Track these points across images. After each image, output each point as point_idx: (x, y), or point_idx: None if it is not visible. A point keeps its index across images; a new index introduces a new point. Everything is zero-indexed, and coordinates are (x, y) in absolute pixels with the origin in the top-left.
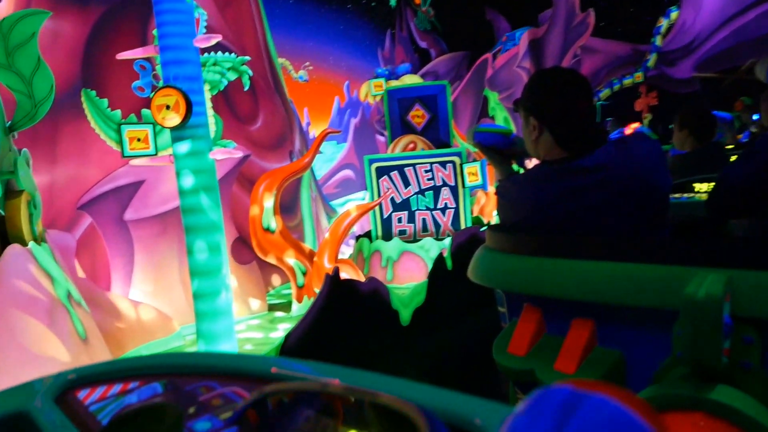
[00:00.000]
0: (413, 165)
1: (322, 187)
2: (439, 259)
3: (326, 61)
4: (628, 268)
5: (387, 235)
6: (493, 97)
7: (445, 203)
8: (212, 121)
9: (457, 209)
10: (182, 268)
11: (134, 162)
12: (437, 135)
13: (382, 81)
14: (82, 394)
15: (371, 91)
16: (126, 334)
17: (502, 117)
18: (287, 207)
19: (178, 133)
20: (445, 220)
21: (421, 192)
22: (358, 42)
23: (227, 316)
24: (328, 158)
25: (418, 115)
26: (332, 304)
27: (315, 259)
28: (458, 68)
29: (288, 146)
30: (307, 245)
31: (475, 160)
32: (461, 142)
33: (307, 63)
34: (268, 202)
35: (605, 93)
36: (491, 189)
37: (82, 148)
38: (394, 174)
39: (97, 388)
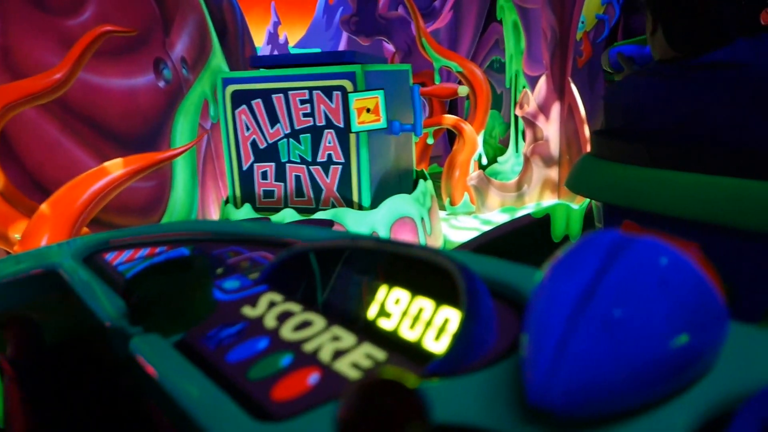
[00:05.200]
0: (284, 90)
1: None
2: None
3: None
4: (746, 185)
5: (248, 197)
6: None
7: (329, 155)
8: None
9: (347, 165)
10: None
11: None
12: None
13: None
14: (109, 257)
15: None
16: None
17: (510, 21)
18: (143, 141)
19: None
20: (329, 182)
21: (294, 134)
22: None
23: None
24: None
25: None
26: None
27: (15, 246)
28: None
29: (152, 52)
30: (168, 210)
31: (376, 89)
32: (435, 56)
33: None
34: None
35: None
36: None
37: None
38: (257, 103)
39: (125, 252)
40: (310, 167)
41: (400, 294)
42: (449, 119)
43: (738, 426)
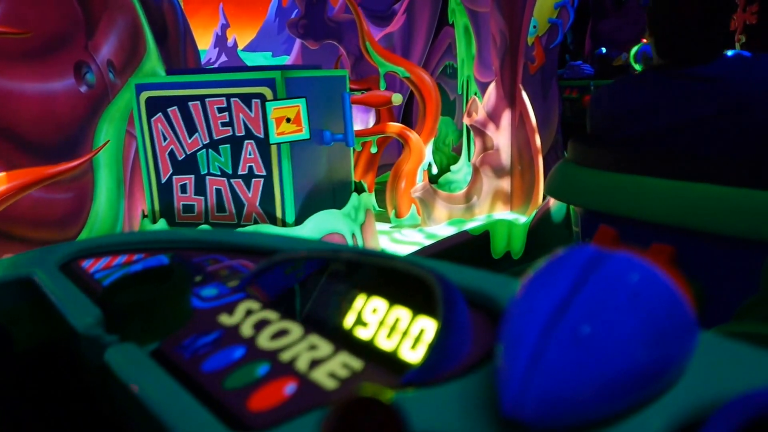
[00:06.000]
0: (201, 98)
1: None
2: None
3: None
4: (716, 190)
5: (167, 211)
6: None
7: (250, 167)
8: None
9: (269, 179)
10: None
11: None
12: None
13: None
14: (86, 264)
15: None
16: None
17: (462, 25)
18: (60, 150)
19: None
20: (251, 197)
21: (213, 145)
22: None
23: None
24: None
25: None
26: None
27: None
28: None
29: (73, 55)
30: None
31: (296, 98)
32: (381, 61)
33: None
34: None
35: None
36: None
37: None
38: (173, 111)
39: (102, 259)
40: (231, 180)
41: (378, 303)
42: (394, 127)
43: None
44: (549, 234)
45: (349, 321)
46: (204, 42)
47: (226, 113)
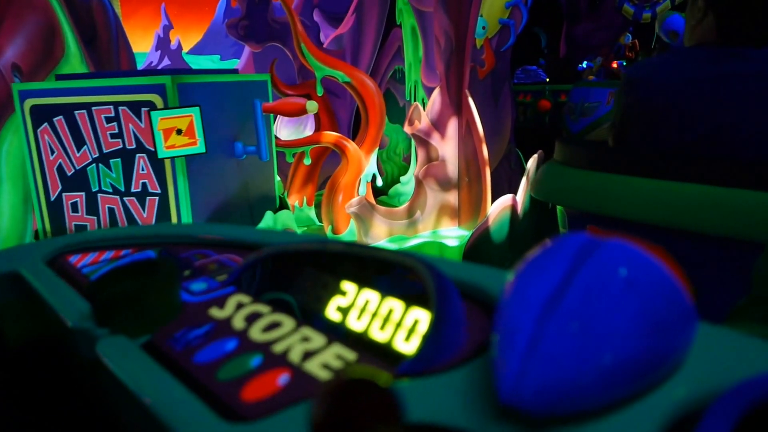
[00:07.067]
0: (88, 106)
1: None
2: None
3: None
4: (707, 191)
5: (59, 232)
6: None
7: (143, 184)
8: None
9: (164, 197)
10: None
11: None
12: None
13: None
14: (73, 259)
15: None
16: None
17: (409, 26)
18: None
19: None
20: (146, 216)
21: (103, 159)
22: None
23: None
24: None
25: None
26: None
27: None
28: None
29: None
30: None
31: (188, 107)
32: (317, 64)
33: None
34: None
35: None
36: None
37: None
38: (59, 121)
39: (89, 254)
40: (124, 198)
41: (370, 295)
42: (329, 136)
43: (708, 424)
44: (489, 256)
45: (341, 313)
46: (144, 44)
47: (115, 123)
